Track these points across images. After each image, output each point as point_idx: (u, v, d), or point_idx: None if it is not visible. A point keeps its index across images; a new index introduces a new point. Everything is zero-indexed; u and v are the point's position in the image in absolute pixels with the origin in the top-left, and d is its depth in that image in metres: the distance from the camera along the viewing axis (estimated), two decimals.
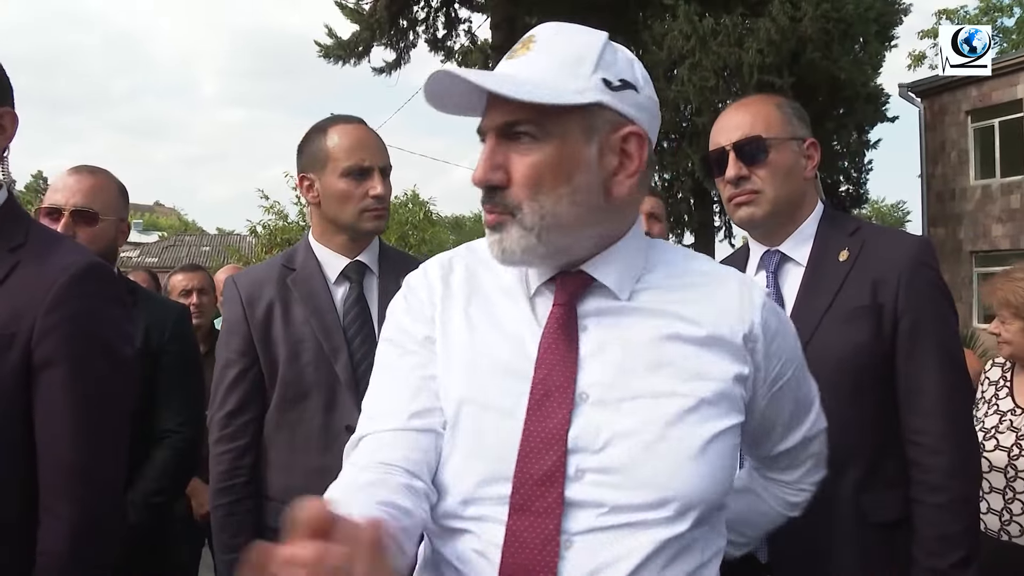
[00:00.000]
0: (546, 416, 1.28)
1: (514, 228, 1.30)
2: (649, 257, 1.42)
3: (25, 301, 1.68)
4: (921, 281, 2.01)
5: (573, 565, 1.23)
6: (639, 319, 1.34)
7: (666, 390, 1.29)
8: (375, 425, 1.36)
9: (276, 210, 23.52)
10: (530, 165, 1.28)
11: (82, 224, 2.59)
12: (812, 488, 1.67)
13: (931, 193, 20.59)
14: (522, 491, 1.25)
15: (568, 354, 1.31)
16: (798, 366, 1.49)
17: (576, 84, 1.27)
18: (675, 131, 19.12)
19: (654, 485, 1.25)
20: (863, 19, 16.18)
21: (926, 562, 1.92)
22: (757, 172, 2.10)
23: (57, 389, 1.69)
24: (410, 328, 1.43)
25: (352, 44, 19.44)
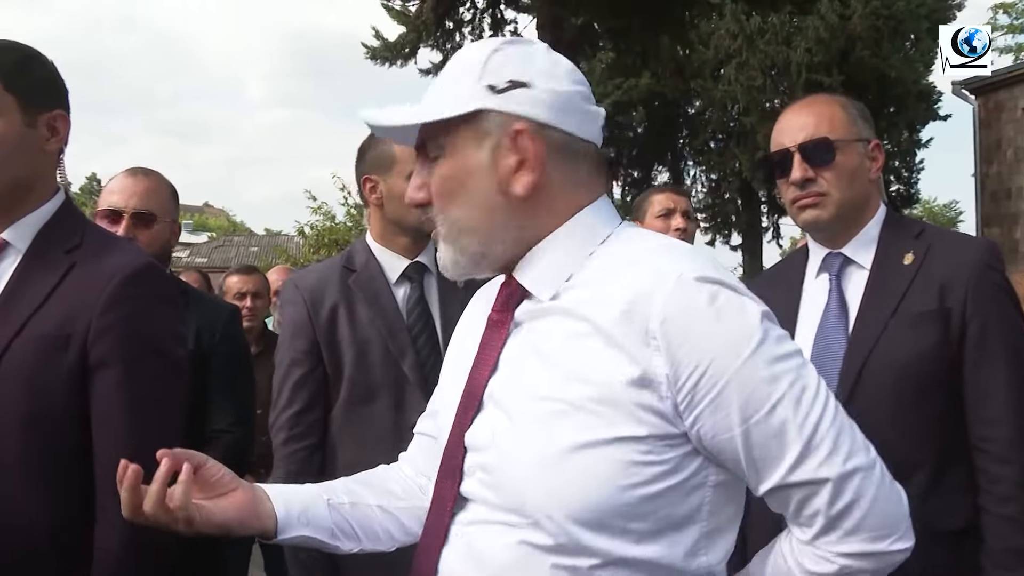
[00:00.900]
0: (461, 416, 1.38)
1: (440, 242, 1.39)
2: (597, 249, 1.34)
3: (80, 302, 1.71)
4: (989, 285, 1.97)
5: (454, 552, 1.33)
6: (554, 320, 1.31)
7: (540, 394, 1.26)
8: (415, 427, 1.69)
9: (324, 211, 23.69)
10: (438, 179, 1.37)
11: (141, 226, 2.64)
12: (842, 561, 1.25)
13: (985, 192, 20.16)
14: (439, 484, 1.39)
15: (490, 357, 1.38)
16: (745, 382, 1.18)
17: (457, 98, 1.33)
18: (722, 131, 18.98)
19: (511, 490, 1.26)
20: (914, 15, 15.91)
21: (994, 574, 1.89)
22: (823, 174, 2.07)
23: (112, 390, 1.72)
24: None
25: (399, 46, 19.55)
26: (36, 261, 1.77)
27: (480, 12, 19.83)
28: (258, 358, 4.31)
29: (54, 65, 1.87)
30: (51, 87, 1.85)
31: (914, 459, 1.93)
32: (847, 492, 1.21)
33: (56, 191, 1.86)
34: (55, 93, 1.85)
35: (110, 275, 1.74)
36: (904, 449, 1.93)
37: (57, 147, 1.85)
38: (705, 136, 19.59)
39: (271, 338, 4.55)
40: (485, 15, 19.86)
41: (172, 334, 1.89)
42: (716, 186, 20.86)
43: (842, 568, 1.25)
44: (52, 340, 1.69)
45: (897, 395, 1.94)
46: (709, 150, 19.91)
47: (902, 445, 1.93)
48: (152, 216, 2.67)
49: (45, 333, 1.70)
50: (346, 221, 23.56)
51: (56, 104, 1.84)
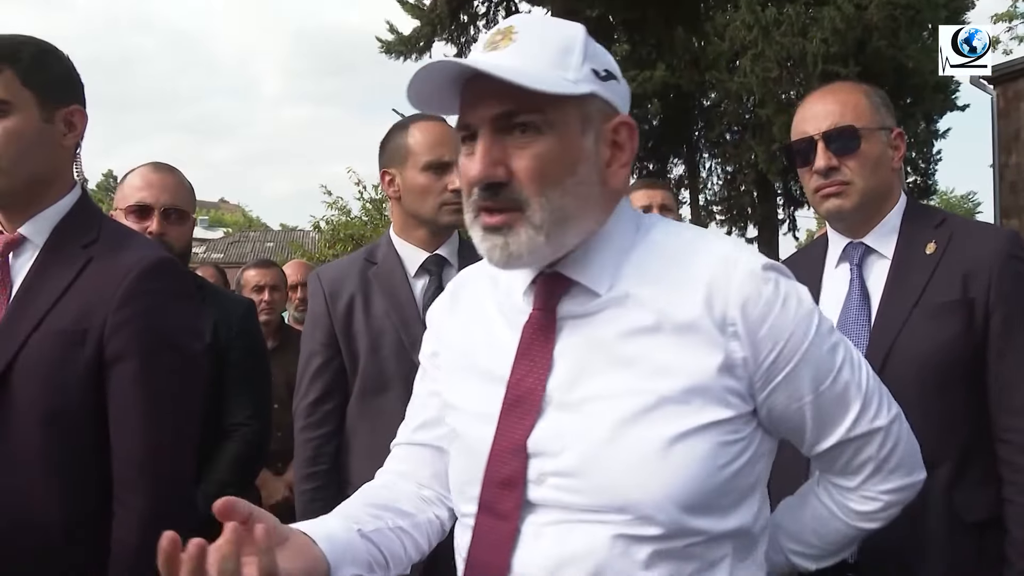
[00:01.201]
0: (515, 422, 1.29)
1: (523, 228, 1.25)
2: (636, 240, 1.35)
3: (96, 297, 1.72)
4: (1012, 275, 1.95)
5: (536, 557, 1.25)
6: (612, 315, 1.29)
7: (624, 389, 1.25)
8: (397, 439, 1.58)
9: (339, 206, 23.74)
10: (534, 157, 1.24)
11: (173, 222, 2.64)
12: (885, 498, 1.45)
13: (1004, 183, 19.98)
14: (488, 492, 1.30)
15: (541, 359, 1.30)
16: (812, 350, 1.30)
17: (569, 74, 1.25)
18: (738, 123, 18.92)
19: (604, 490, 1.23)
20: (932, 5, 15.80)
21: (1019, 564, 1.87)
22: (847, 163, 2.05)
23: (128, 384, 1.72)
24: (424, 347, 1.56)
25: (413, 40, 19.54)
26: (53, 256, 1.78)
27: (495, 5, 19.78)
28: (274, 353, 4.32)
29: (70, 60, 1.87)
30: (68, 82, 1.85)
31: (938, 451, 1.90)
32: (892, 437, 1.40)
33: (73, 186, 1.87)
34: (72, 88, 1.86)
35: (127, 270, 1.74)
36: (928, 441, 1.90)
37: (74, 142, 1.85)
38: (721, 128, 19.54)
39: (288, 332, 4.55)
40: (500, 8, 19.82)
41: (188, 329, 1.89)
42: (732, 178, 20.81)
43: (886, 504, 1.46)
44: (69, 335, 1.70)
45: (920, 386, 1.92)
46: (725, 142, 19.85)
47: (926, 437, 1.90)
48: (184, 212, 2.68)
49: (62, 328, 1.70)
50: (361, 216, 23.62)
51: (73, 99, 1.84)
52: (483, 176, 1.25)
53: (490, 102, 1.24)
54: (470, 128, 1.28)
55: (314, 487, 2.51)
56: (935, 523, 1.91)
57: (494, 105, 1.24)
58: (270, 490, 4.05)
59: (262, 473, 3.78)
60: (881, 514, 1.48)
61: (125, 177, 2.72)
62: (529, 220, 1.25)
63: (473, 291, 1.48)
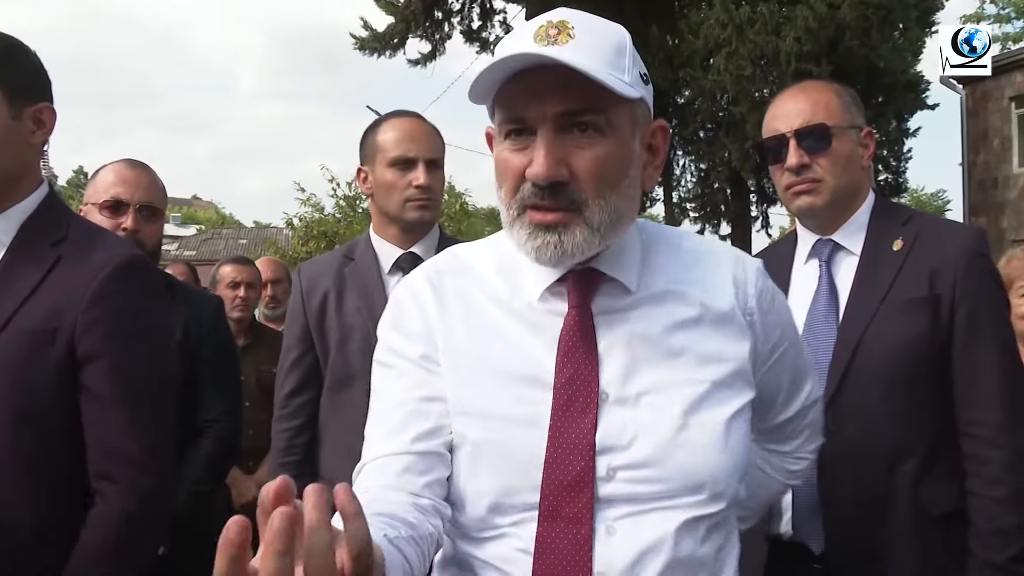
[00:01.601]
0: (572, 422, 1.26)
1: (580, 228, 1.24)
2: (642, 240, 1.40)
3: (66, 297, 1.70)
4: (978, 272, 1.98)
5: (615, 552, 1.24)
6: (648, 310, 1.33)
7: (681, 379, 1.30)
8: (374, 452, 1.33)
9: (313, 203, 23.64)
10: (596, 159, 1.23)
11: (147, 219, 2.63)
12: (811, 456, 1.70)
13: (972, 181, 20.26)
14: (551, 498, 1.25)
15: (588, 356, 1.29)
16: (793, 335, 1.50)
17: (625, 76, 1.23)
18: (712, 121, 19.00)
19: (685, 473, 1.26)
20: (903, 5, 15.95)
21: (983, 555, 1.90)
22: (818, 160, 2.07)
23: (104, 379, 1.70)
24: (403, 348, 1.38)
25: (387, 36, 19.49)
26: (20, 255, 1.75)
27: (469, 2, 19.77)
28: (246, 350, 4.29)
29: (37, 56, 1.85)
30: (36, 79, 1.83)
31: (905, 445, 1.95)
32: (819, 403, 1.65)
33: (40, 183, 1.85)
34: (40, 85, 1.84)
35: (97, 269, 1.73)
36: (895, 435, 1.95)
37: (42, 139, 1.83)
38: (694, 126, 19.60)
39: (259, 330, 4.53)
40: (474, 5, 19.82)
41: (159, 327, 1.88)
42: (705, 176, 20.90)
43: (810, 462, 1.72)
44: (38, 335, 1.68)
45: (888, 381, 1.94)
46: (698, 140, 19.93)
47: (893, 431, 1.94)
48: (157, 210, 2.67)
49: (31, 328, 1.68)
50: (335, 213, 23.55)
51: (41, 96, 1.82)
52: (549, 175, 1.22)
53: (555, 98, 1.21)
54: (526, 123, 1.24)
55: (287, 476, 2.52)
56: (902, 516, 1.94)
57: (560, 102, 1.21)
58: (241, 489, 4.02)
59: (233, 472, 3.76)
60: (805, 471, 1.73)
61: (97, 173, 2.70)
62: (587, 221, 1.24)
63: (456, 287, 1.40)
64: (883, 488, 1.94)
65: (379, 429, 1.36)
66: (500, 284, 1.38)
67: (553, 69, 1.18)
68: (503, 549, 1.29)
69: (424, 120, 2.62)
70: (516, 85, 1.23)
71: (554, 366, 1.30)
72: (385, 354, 1.41)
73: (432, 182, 2.50)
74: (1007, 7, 35.64)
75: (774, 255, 2.33)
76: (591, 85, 1.18)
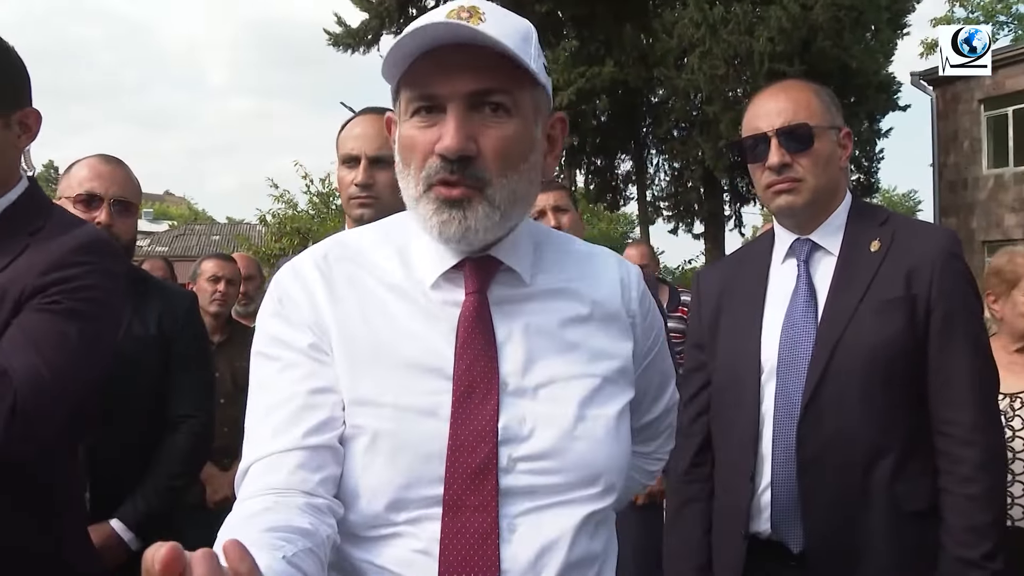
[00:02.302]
0: (473, 410, 1.25)
1: (481, 205, 1.25)
2: (534, 239, 1.42)
3: (24, 270, 1.69)
4: (953, 273, 2.00)
5: (519, 547, 1.23)
6: (542, 303, 1.35)
7: (575, 372, 1.32)
8: (262, 450, 1.24)
9: (286, 199, 23.53)
10: (502, 138, 1.25)
11: (121, 214, 2.61)
12: (666, 457, 1.76)
13: (943, 182, 20.51)
14: (454, 488, 1.23)
15: (487, 345, 1.29)
16: (663, 339, 1.56)
17: (531, 63, 1.25)
18: (685, 120, 19.11)
19: (584, 465, 1.28)
20: (875, 7, 16.12)
21: (955, 551, 1.92)
22: (799, 160, 2.07)
23: (32, 311, 1.67)
24: (289, 338, 1.31)
25: (361, 32, 19.45)
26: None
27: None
28: (222, 347, 4.28)
29: (18, 54, 1.83)
30: (23, 83, 1.82)
31: (882, 443, 1.96)
32: (676, 407, 1.71)
33: (19, 180, 1.83)
34: (26, 89, 1.83)
35: (59, 245, 1.72)
36: (872, 434, 1.97)
37: (28, 143, 1.83)
38: (668, 125, 19.70)
39: (235, 327, 4.51)
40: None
41: (107, 302, 1.82)
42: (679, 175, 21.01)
43: (664, 463, 1.78)
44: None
45: (866, 380, 1.96)
46: (672, 139, 20.03)
47: (870, 430, 1.96)
48: (131, 204, 2.65)
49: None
50: (308, 209, 23.44)
51: (27, 100, 1.81)
52: (459, 148, 1.22)
53: (467, 76, 1.23)
54: (436, 100, 1.25)
55: None
56: (878, 514, 1.96)
57: (471, 81, 1.23)
58: (215, 486, 4.01)
59: (207, 468, 3.74)
60: (658, 471, 1.78)
61: (71, 168, 2.68)
62: (488, 198, 1.25)
63: (347, 273, 1.36)
64: (860, 486, 1.96)
65: (265, 425, 1.27)
66: (393, 269, 1.36)
67: (465, 48, 1.21)
68: (399, 551, 1.24)
69: (379, 117, 2.52)
70: (427, 62, 1.24)
71: (452, 354, 1.28)
72: (268, 345, 1.33)
73: (371, 179, 2.43)
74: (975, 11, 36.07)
75: (751, 253, 2.34)
76: (500, 67, 1.22)
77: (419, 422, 1.25)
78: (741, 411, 2.10)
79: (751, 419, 2.07)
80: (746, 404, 2.09)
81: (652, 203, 22.20)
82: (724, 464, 2.20)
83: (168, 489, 2.57)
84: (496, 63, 1.21)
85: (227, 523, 1.14)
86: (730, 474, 2.15)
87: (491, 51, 1.21)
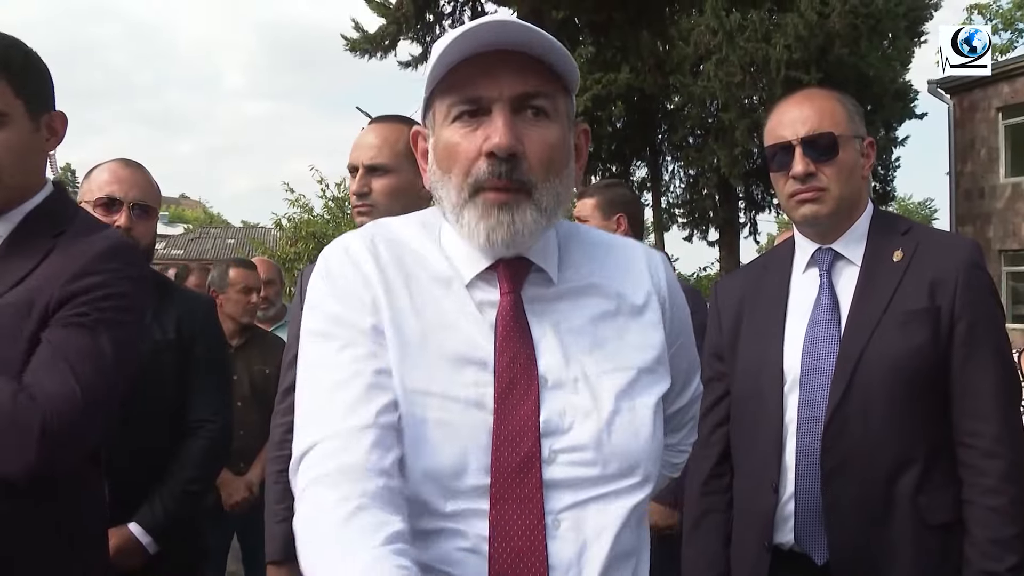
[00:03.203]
0: (515, 404, 1.27)
1: (530, 209, 1.27)
2: (559, 236, 1.43)
3: (51, 275, 1.70)
4: (977, 284, 1.99)
5: (563, 543, 1.25)
6: (572, 301, 1.37)
7: (609, 367, 1.33)
8: (332, 427, 1.21)
9: (301, 203, 23.58)
10: (546, 142, 1.27)
11: (140, 217, 2.62)
12: (689, 449, 1.74)
13: (959, 191, 20.39)
14: (501, 480, 1.24)
15: (525, 342, 1.31)
16: (689, 327, 1.55)
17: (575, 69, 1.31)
18: (701, 127, 19.08)
19: (622, 455, 1.30)
20: (892, 14, 16.07)
21: (981, 564, 1.90)
22: (824, 169, 2.06)
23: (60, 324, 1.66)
24: (348, 318, 1.29)
25: (378, 38, 19.49)
26: (18, 248, 1.75)
27: (460, 5, 19.78)
28: (240, 351, 4.29)
29: (40, 58, 1.84)
30: (49, 86, 1.84)
31: (906, 455, 1.95)
32: (700, 398, 1.69)
33: (45, 183, 1.85)
34: (52, 92, 1.85)
35: (84, 250, 1.73)
36: (897, 445, 1.95)
37: (54, 146, 1.85)
38: (684, 132, 19.70)
39: (253, 331, 4.52)
40: (466, 8, 19.82)
41: (135, 309, 1.82)
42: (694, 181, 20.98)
43: (687, 456, 1.74)
44: (15, 309, 1.66)
45: (889, 391, 1.95)
46: (687, 146, 20.02)
47: (895, 441, 1.95)
48: (151, 208, 2.66)
49: (12, 302, 1.67)
50: (323, 214, 23.48)
51: (53, 103, 1.83)
52: (510, 146, 1.23)
53: (513, 79, 1.25)
54: (480, 103, 1.26)
55: (279, 469, 2.55)
56: (901, 524, 1.94)
57: (517, 83, 1.25)
58: (230, 490, 4.01)
59: (223, 473, 3.74)
60: (682, 464, 1.76)
61: (91, 172, 2.71)
62: (536, 202, 1.27)
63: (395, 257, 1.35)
64: (884, 497, 1.95)
65: (333, 402, 1.24)
66: (436, 260, 1.36)
67: (507, 53, 1.23)
68: (447, 550, 1.24)
69: (380, 124, 2.58)
70: (468, 67, 1.25)
71: (493, 349, 1.29)
72: (324, 323, 1.30)
73: (366, 188, 2.47)
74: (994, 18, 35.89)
75: (774, 261, 2.33)
76: (542, 71, 1.25)
77: (467, 413, 1.26)
78: (764, 422, 2.09)
79: (774, 430, 2.06)
80: (769, 414, 2.07)
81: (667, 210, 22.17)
82: (746, 475, 2.18)
83: (186, 493, 2.57)
84: (538, 67, 1.25)
85: (321, 522, 1.13)
86: (752, 485, 2.13)
87: (529, 56, 1.24)
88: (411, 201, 2.44)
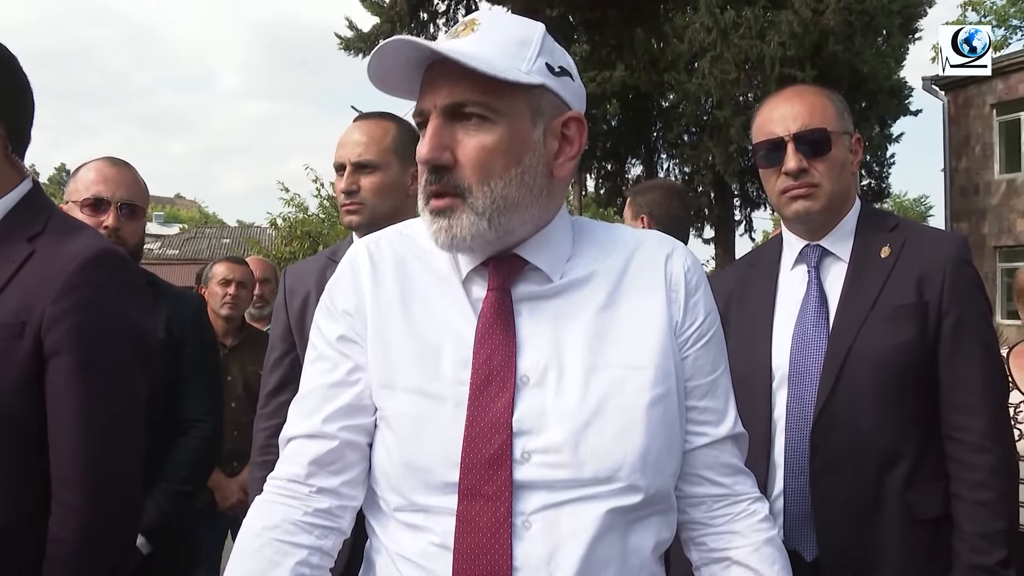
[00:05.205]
0: (489, 401, 1.28)
1: (465, 214, 1.29)
2: (575, 236, 1.43)
3: (37, 290, 1.64)
4: (963, 279, 2.00)
5: (532, 544, 1.24)
6: (569, 296, 1.36)
7: (601, 364, 1.31)
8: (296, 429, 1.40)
9: (296, 203, 23.53)
10: (479, 147, 1.28)
11: (128, 217, 2.60)
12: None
13: (954, 187, 20.41)
14: (470, 476, 1.26)
15: (506, 339, 1.31)
16: (718, 339, 1.44)
17: (523, 65, 1.29)
18: (696, 124, 19.04)
19: (598, 460, 1.27)
20: (886, 11, 16.03)
21: (970, 559, 1.91)
22: (816, 165, 2.06)
23: (65, 378, 1.64)
24: (324, 328, 1.43)
25: (373, 37, 19.42)
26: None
27: (455, 3, 19.76)
28: (234, 350, 4.28)
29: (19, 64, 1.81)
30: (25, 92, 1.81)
31: (895, 451, 1.96)
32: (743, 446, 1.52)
33: (18, 183, 1.79)
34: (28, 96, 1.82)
35: (69, 260, 1.67)
36: (886, 441, 1.96)
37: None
38: (679, 129, 19.63)
39: (248, 331, 4.51)
40: (459, 6, 19.80)
41: (130, 322, 1.79)
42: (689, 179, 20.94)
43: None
44: (7, 329, 1.62)
45: (878, 387, 1.96)
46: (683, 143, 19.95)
47: (883, 437, 1.96)
48: (139, 208, 2.64)
49: (1, 322, 1.62)
50: (319, 213, 23.45)
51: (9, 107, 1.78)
52: (429, 158, 1.28)
53: (443, 90, 1.28)
54: (424, 114, 1.31)
55: (262, 475, 2.51)
56: (891, 520, 1.95)
57: (446, 94, 1.28)
58: (224, 492, 4.01)
59: (215, 476, 3.74)
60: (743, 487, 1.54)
61: (78, 171, 2.67)
62: (471, 206, 1.29)
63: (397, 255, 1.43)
64: (873, 493, 1.95)
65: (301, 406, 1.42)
66: (442, 259, 1.40)
67: (448, 63, 1.26)
68: (421, 544, 1.29)
69: (368, 121, 2.55)
70: (423, 79, 1.32)
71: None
72: (314, 333, 1.46)
73: (354, 186, 2.44)
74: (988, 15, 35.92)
75: (761, 258, 2.33)
76: (480, 77, 1.24)
77: (440, 409, 1.30)
78: (752, 419, 2.07)
79: (763, 427, 2.06)
80: (757, 412, 2.07)
81: None
82: None
83: (179, 493, 2.56)
84: (476, 74, 1.24)
85: (242, 540, 1.38)
86: None
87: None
88: (400, 198, 2.43)
